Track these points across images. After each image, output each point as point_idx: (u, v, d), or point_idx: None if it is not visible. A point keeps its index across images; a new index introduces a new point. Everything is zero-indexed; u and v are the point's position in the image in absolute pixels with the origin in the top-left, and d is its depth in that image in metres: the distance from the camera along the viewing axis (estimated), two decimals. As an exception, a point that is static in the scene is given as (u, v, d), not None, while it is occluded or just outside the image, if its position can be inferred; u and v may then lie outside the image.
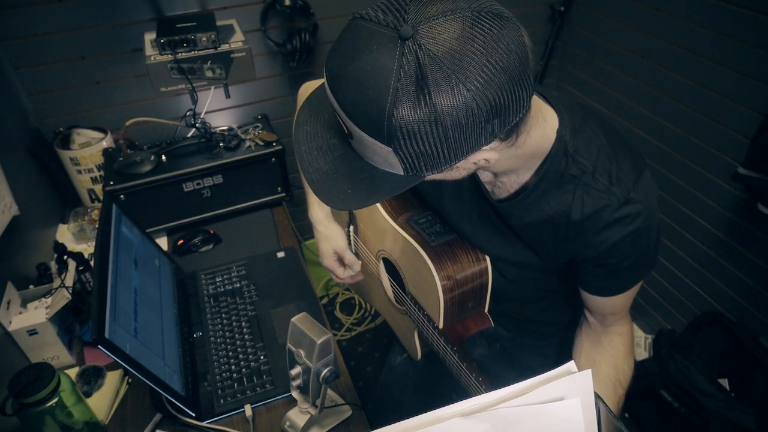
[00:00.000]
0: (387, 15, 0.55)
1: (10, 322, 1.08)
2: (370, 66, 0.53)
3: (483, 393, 0.47)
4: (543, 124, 0.72)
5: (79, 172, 1.55)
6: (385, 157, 0.58)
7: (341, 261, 1.16)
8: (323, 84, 0.63)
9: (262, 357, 1.14)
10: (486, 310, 1.03)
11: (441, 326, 0.98)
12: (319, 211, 1.15)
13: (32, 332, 1.09)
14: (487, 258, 0.97)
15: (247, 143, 1.54)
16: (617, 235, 0.75)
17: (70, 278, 1.21)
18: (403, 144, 0.55)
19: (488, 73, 0.52)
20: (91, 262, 1.27)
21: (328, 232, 1.14)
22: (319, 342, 0.83)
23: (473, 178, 0.84)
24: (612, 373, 0.88)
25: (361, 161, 0.63)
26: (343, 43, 0.57)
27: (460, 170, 0.66)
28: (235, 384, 1.09)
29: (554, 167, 0.75)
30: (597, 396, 0.48)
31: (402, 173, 0.60)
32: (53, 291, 1.17)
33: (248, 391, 1.08)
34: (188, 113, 1.57)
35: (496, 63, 0.53)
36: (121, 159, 1.47)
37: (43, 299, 1.15)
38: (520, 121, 0.60)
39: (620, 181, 0.74)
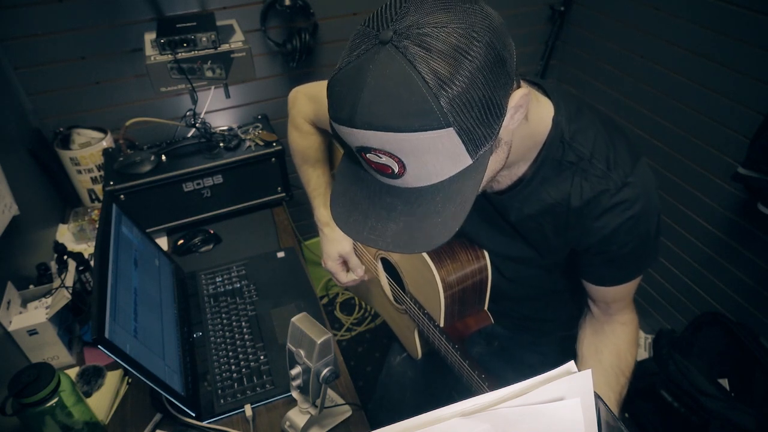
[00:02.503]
0: (368, 28, 0.56)
1: (10, 322, 1.08)
2: (380, 72, 0.53)
3: (486, 390, 0.47)
4: (539, 109, 0.73)
5: (79, 172, 1.55)
6: (449, 150, 0.56)
7: (345, 264, 1.15)
8: (343, 161, 0.63)
9: (262, 357, 1.14)
10: (486, 308, 1.03)
11: (442, 324, 0.98)
12: (325, 213, 1.14)
13: (32, 332, 1.09)
14: (486, 255, 0.97)
15: (247, 143, 1.54)
16: (617, 221, 0.75)
17: (70, 278, 1.21)
18: (458, 114, 0.53)
19: (480, 27, 0.54)
20: (91, 262, 1.27)
21: (335, 234, 1.14)
22: (319, 342, 0.83)
23: None
24: (615, 362, 0.88)
25: (428, 189, 0.60)
26: (340, 86, 0.57)
27: (502, 148, 0.64)
28: (235, 384, 1.09)
29: (551, 155, 0.75)
30: (597, 396, 0.48)
31: (469, 160, 0.58)
32: (53, 291, 1.17)
33: (248, 391, 1.08)
34: (188, 113, 1.57)
35: (481, 22, 0.55)
36: (121, 159, 1.47)
37: (43, 299, 1.15)
38: (516, 74, 0.60)
39: (618, 166, 0.74)
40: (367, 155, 0.58)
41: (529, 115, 0.68)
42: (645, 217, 0.76)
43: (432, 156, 0.56)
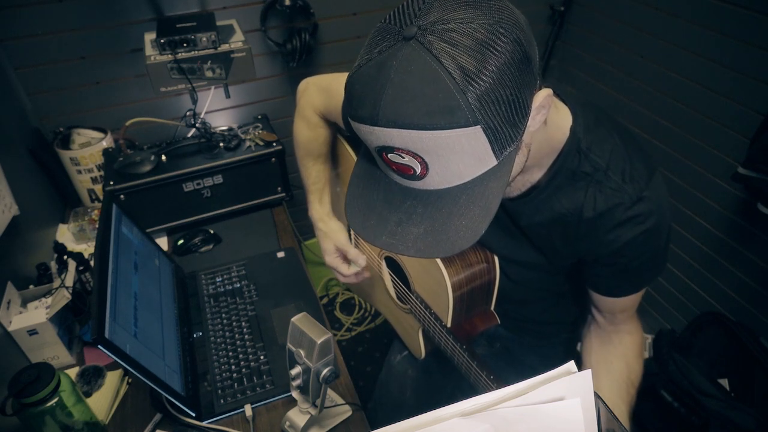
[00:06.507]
0: (390, 24, 0.55)
1: (10, 322, 1.08)
2: (404, 69, 0.52)
3: (494, 390, 0.47)
4: (558, 115, 0.72)
5: (79, 172, 1.55)
6: (474, 149, 0.54)
7: (344, 257, 1.13)
8: (359, 163, 0.62)
9: (262, 357, 1.14)
10: (492, 308, 1.03)
11: (449, 325, 0.98)
12: (319, 209, 1.14)
13: (32, 332, 1.09)
14: (495, 255, 0.97)
15: (247, 143, 1.54)
16: (629, 234, 0.75)
17: (70, 278, 1.21)
18: (485, 111, 0.52)
19: (506, 24, 0.54)
20: (91, 262, 1.27)
21: (328, 228, 1.12)
22: (319, 342, 0.83)
23: None
24: (625, 372, 0.88)
25: (450, 191, 0.58)
26: (361, 83, 0.55)
27: (523, 150, 0.63)
28: (235, 384, 1.09)
29: (567, 164, 0.74)
30: (597, 396, 0.48)
31: (494, 160, 0.57)
32: (53, 291, 1.17)
33: (248, 391, 1.08)
34: (188, 113, 1.57)
35: (508, 18, 0.54)
36: (121, 159, 1.47)
37: (43, 299, 1.15)
38: (539, 74, 0.59)
39: (633, 180, 0.74)
40: (389, 155, 0.56)
41: (548, 120, 0.67)
42: (658, 231, 0.76)
43: (457, 156, 0.55)
